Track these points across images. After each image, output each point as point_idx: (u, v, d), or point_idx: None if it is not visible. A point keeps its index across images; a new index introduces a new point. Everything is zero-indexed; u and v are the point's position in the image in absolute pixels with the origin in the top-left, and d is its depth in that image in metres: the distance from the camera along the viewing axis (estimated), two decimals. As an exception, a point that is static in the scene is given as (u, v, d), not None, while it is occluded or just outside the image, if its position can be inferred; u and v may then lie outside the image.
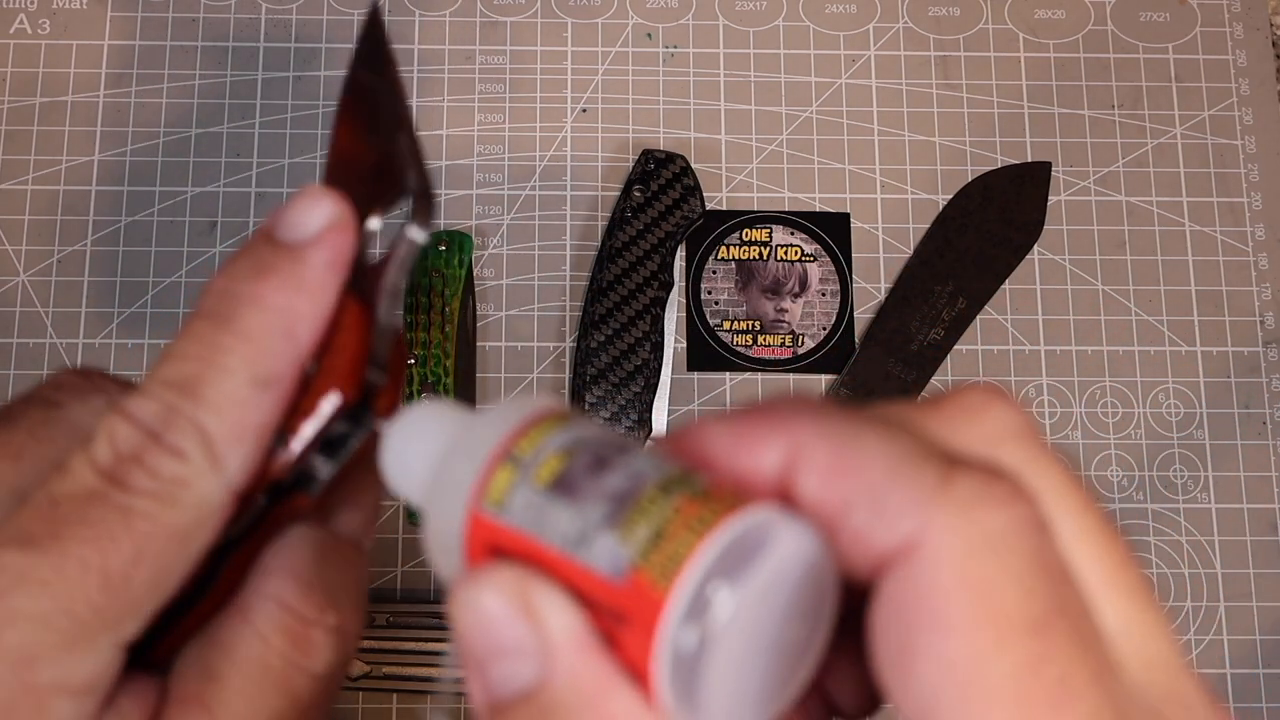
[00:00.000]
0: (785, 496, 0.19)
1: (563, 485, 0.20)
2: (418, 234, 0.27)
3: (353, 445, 0.26)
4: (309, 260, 0.25)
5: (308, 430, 0.25)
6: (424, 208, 0.27)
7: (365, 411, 0.26)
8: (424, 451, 0.23)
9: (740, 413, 0.20)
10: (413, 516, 0.55)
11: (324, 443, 0.26)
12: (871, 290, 0.60)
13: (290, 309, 0.24)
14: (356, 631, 0.26)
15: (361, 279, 0.27)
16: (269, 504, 0.25)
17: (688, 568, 0.18)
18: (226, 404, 0.23)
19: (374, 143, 0.28)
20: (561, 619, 0.19)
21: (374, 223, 0.27)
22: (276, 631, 0.24)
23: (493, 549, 0.21)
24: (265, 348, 0.24)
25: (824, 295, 0.60)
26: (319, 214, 0.26)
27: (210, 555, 0.25)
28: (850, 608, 0.19)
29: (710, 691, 0.18)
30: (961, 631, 0.16)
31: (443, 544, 0.22)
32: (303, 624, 0.25)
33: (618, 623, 0.19)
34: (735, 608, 0.18)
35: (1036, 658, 0.16)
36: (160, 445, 0.23)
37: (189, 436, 0.23)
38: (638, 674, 0.19)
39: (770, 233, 0.60)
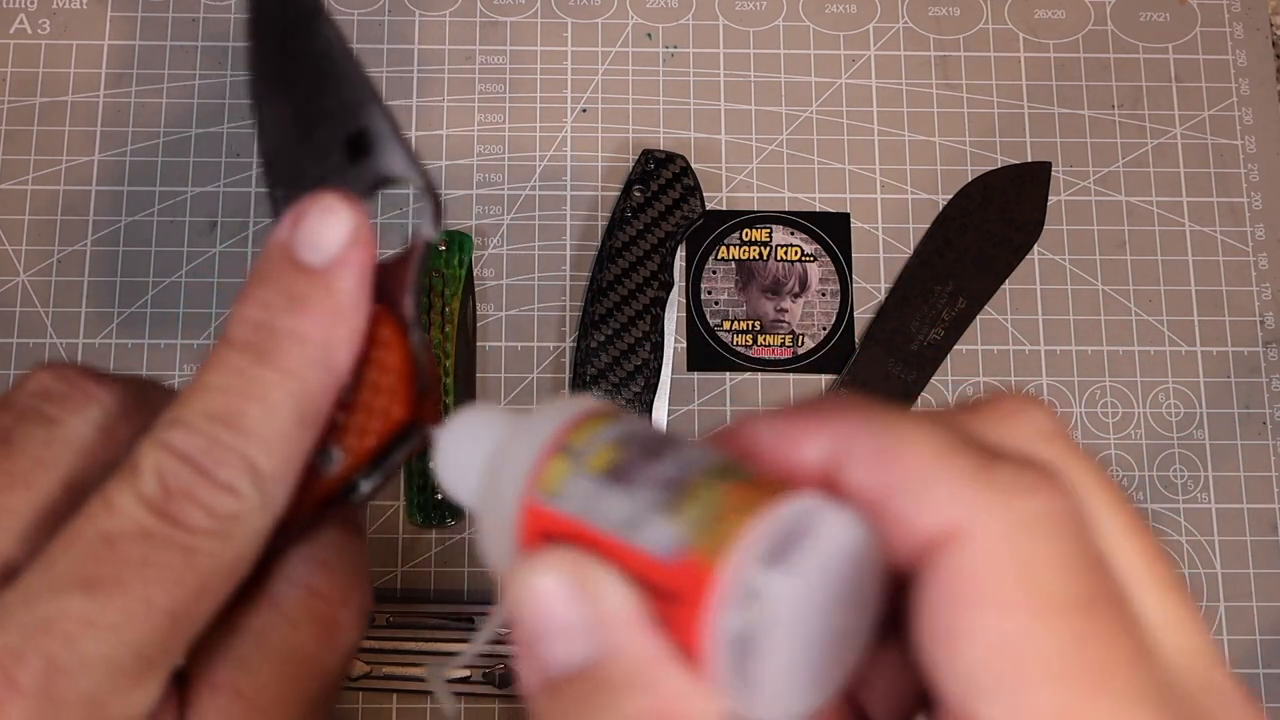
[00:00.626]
0: (830, 487, 0.19)
1: (616, 473, 0.20)
2: (431, 232, 0.27)
3: (401, 457, 0.26)
4: (340, 287, 0.25)
5: (368, 447, 0.25)
6: (433, 207, 0.27)
7: (415, 424, 0.26)
8: (478, 453, 0.23)
9: (786, 409, 0.20)
10: (413, 516, 0.55)
11: (374, 459, 0.26)
12: (871, 290, 0.60)
13: (329, 341, 0.25)
14: (370, 610, 0.27)
15: (383, 285, 0.27)
16: (314, 519, 0.26)
17: (739, 544, 0.18)
18: (274, 439, 0.24)
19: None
20: (616, 596, 0.19)
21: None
22: (307, 618, 0.25)
23: (546, 536, 0.21)
24: (308, 382, 0.24)
25: (824, 295, 0.60)
26: (339, 228, 0.26)
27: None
28: (887, 609, 0.20)
29: (762, 670, 0.18)
30: (1008, 610, 0.17)
31: (497, 535, 0.22)
32: (330, 607, 0.25)
33: (670, 603, 0.19)
34: (788, 588, 0.18)
35: (1081, 636, 0.17)
36: (212, 481, 0.23)
37: (240, 473, 0.23)
38: (689, 653, 0.19)
39: (770, 233, 0.60)
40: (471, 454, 0.24)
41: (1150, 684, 0.17)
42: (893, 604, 0.19)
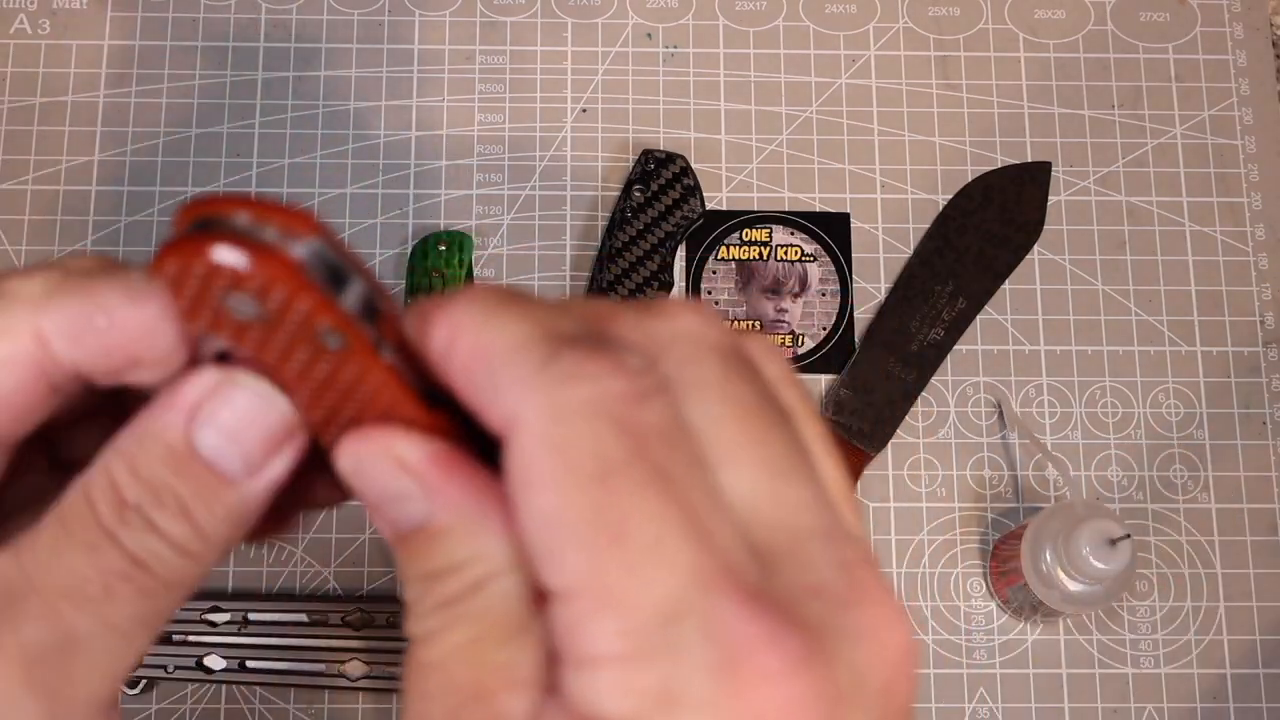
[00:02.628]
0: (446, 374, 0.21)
1: None
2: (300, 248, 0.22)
3: None
4: (250, 495, 0.23)
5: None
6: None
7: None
8: None
9: (433, 299, 0.21)
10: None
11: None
12: (871, 290, 0.60)
13: (208, 547, 0.23)
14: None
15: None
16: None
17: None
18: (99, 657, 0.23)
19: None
20: (414, 454, 0.21)
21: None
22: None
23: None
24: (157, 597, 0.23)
25: (824, 295, 0.60)
26: (264, 421, 0.22)
27: None
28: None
29: None
30: (540, 487, 0.19)
31: None
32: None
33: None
34: None
35: (599, 503, 0.18)
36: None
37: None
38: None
39: (770, 233, 0.60)
40: None
41: (685, 541, 0.18)
42: None
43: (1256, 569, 0.57)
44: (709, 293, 0.59)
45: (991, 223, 0.60)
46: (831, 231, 0.60)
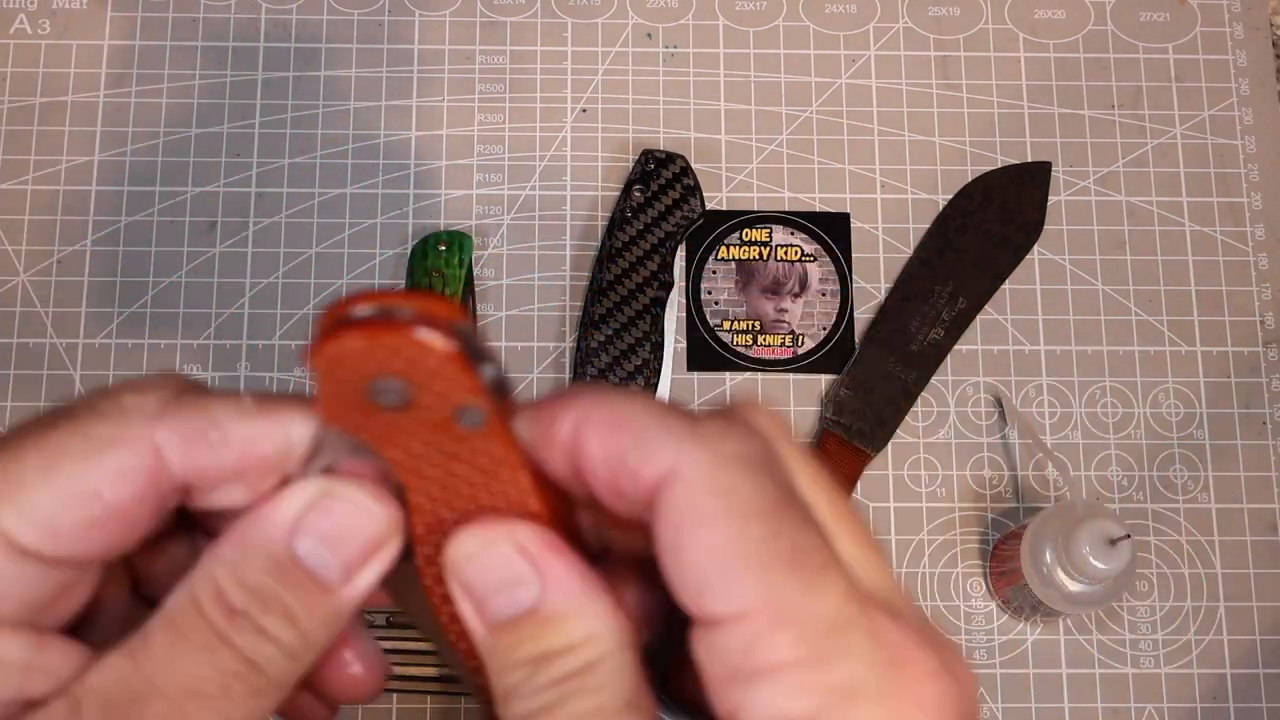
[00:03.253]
0: (577, 455, 0.23)
1: None
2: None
3: None
4: (349, 600, 0.24)
5: None
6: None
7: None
8: None
9: (543, 398, 0.24)
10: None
11: None
12: (871, 290, 0.60)
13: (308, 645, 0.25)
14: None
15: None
16: None
17: None
18: None
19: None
20: (538, 539, 0.23)
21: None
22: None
23: None
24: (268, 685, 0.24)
25: (824, 295, 0.60)
26: (364, 531, 0.24)
27: None
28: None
29: None
30: (711, 524, 0.21)
31: None
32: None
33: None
34: None
35: (771, 533, 0.21)
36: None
37: None
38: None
39: (770, 233, 0.60)
40: None
41: (834, 565, 0.21)
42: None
43: (1256, 569, 0.57)
44: (709, 293, 0.59)
45: (991, 223, 0.60)
46: (831, 231, 0.60)
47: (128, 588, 0.27)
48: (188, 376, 0.25)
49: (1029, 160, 0.61)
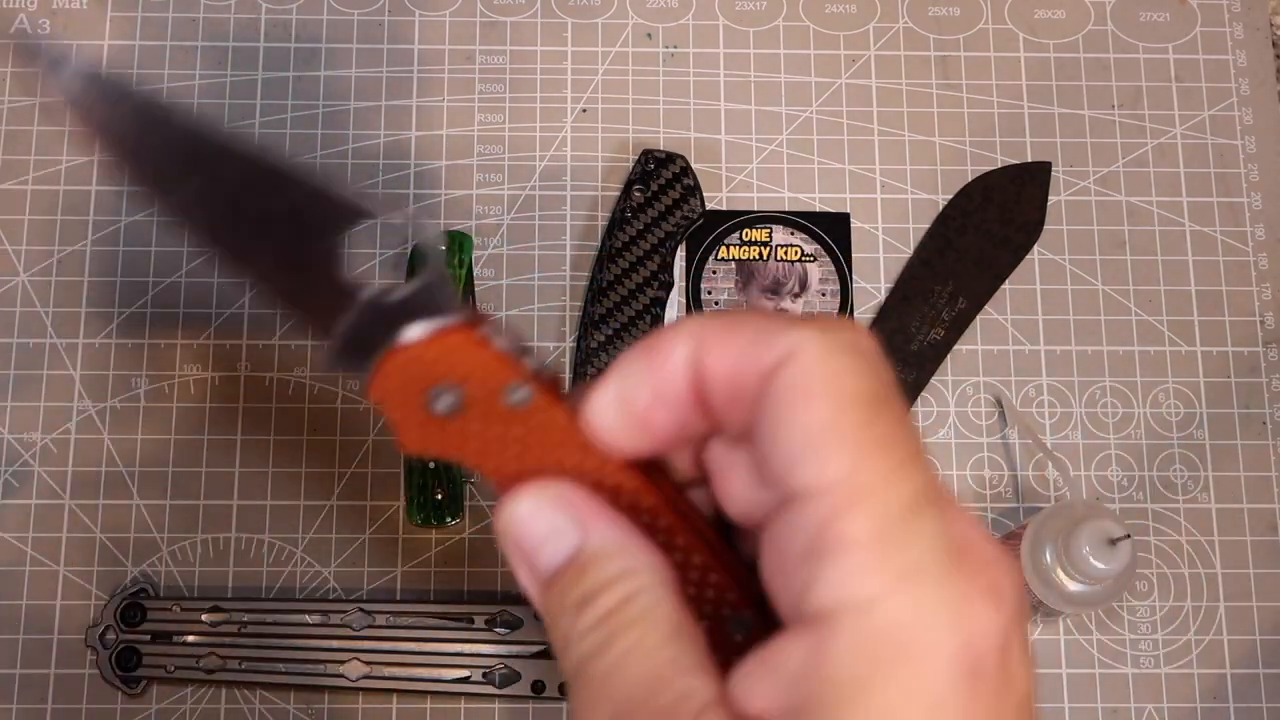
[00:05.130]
0: (698, 371, 0.25)
1: None
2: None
3: None
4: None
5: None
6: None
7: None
8: None
9: (649, 337, 0.26)
10: (413, 516, 0.55)
11: None
12: (871, 290, 0.60)
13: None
14: None
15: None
16: None
17: None
18: None
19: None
20: (575, 495, 0.25)
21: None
22: None
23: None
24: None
25: (824, 295, 0.60)
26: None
27: None
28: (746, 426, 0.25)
29: None
30: (816, 402, 0.23)
31: None
32: None
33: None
34: None
35: (868, 418, 0.23)
36: None
37: None
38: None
39: (770, 233, 0.60)
40: None
41: (920, 458, 0.23)
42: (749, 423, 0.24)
43: (1256, 569, 0.57)
44: (709, 293, 0.59)
45: (991, 223, 0.60)
46: (831, 231, 0.60)
47: None
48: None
49: (1029, 160, 0.61)
